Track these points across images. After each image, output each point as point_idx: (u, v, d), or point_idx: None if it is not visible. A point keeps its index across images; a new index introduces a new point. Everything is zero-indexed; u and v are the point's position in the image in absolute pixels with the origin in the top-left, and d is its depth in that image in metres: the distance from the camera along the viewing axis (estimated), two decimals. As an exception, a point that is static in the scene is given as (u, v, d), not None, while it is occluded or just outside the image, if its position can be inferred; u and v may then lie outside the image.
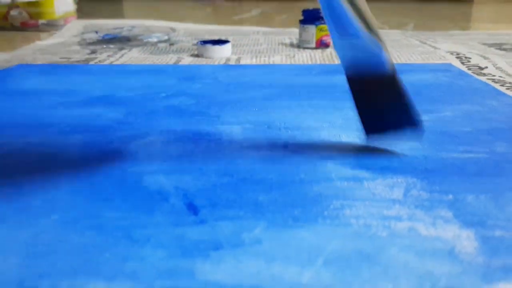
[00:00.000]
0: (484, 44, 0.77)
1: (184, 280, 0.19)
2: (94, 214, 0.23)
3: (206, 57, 0.66)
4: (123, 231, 0.22)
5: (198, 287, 0.18)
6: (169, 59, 0.66)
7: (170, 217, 0.23)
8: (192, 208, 0.24)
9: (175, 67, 0.59)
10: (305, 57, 0.67)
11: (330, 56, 0.67)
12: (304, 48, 0.74)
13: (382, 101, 0.30)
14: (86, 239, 0.21)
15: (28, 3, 0.93)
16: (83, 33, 0.86)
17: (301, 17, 0.75)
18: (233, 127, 0.36)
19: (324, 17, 0.29)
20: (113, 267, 0.19)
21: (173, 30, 0.85)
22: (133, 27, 0.87)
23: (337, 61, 0.65)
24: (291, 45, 0.77)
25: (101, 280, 0.19)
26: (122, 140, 0.33)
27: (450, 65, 0.58)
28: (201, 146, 0.32)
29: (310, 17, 0.74)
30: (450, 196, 0.25)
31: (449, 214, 0.23)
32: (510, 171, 0.28)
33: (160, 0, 1.82)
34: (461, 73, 0.54)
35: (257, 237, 0.21)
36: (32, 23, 0.93)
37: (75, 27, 0.91)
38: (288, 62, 0.63)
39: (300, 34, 0.75)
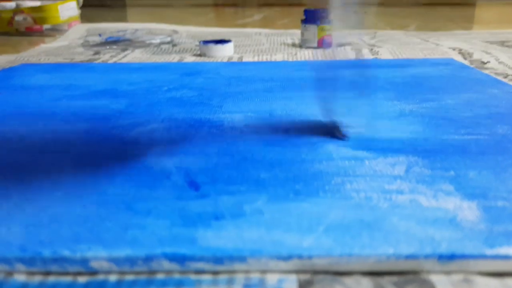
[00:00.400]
0: (487, 41, 0.77)
1: (186, 246, 0.19)
2: (97, 190, 0.23)
3: (208, 56, 0.67)
4: (125, 204, 0.22)
5: (200, 252, 0.18)
6: (172, 58, 0.66)
7: (172, 192, 0.23)
8: (194, 185, 0.24)
9: (178, 64, 0.59)
10: (306, 55, 0.67)
11: (332, 54, 0.67)
12: (306, 47, 0.75)
13: None
14: (89, 211, 0.21)
15: (33, 8, 0.94)
16: (86, 36, 0.86)
17: (303, 18, 0.76)
18: (235, 115, 0.36)
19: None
20: (114, 235, 0.19)
21: (176, 32, 0.86)
22: (136, 30, 0.88)
23: (338, 58, 0.65)
24: (293, 45, 0.78)
25: (102, 247, 0.19)
26: (124, 127, 0.33)
27: (452, 59, 0.59)
28: (202, 131, 0.32)
29: (312, 17, 0.75)
30: (452, 172, 0.25)
31: (450, 187, 0.23)
32: (510, 150, 0.28)
33: (163, 6, 1.84)
34: (463, 66, 0.54)
35: (259, 209, 0.22)
36: (36, 28, 0.94)
37: (78, 31, 0.92)
38: (291, 60, 0.64)
39: (302, 34, 0.76)
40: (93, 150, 0.29)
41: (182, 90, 0.44)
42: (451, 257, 0.18)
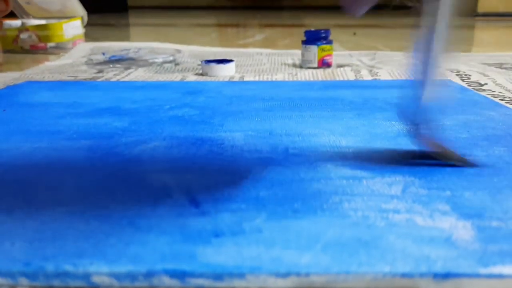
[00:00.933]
0: (484, 63, 0.78)
1: (186, 262, 0.19)
2: (99, 206, 0.24)
3: (210, 76, 0.68)
4: (127, 219, 0.22)
5: (200, 268, 0.19)
6: (174, 77, 0.67)
7: (173, 209, 0.24)
8: (194, 202, 0.25)
9: (180, 83, 0.60)
10: (307, 75, 0.68)
11: (331, 74, 0.69)
12: (307, 68, 0.76)
13: None
14: (92, 226, 0.22)
15: (38, 27, 0.96)
16: (90, 54, 0.88)
17: (304, 38, 0.77)
18: (235, 134, 0.37)
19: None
20: (116, 251, 0.20)
21: (179, 51, 0.87)
22: (139, 49, 0.89)
23: (338, 78, 0.66)
24: (294, 65, 0.79)
25: (104, 262, 0.19)
26: (127, 145, 0.34)
27: (449, 81, 0.60)
28: (203, 149, 0.33)
29: (312, 38, 0.76)
30: (448, 192, 0.26)
31: (446, 207, 0.24)
32: (508, 171, 0.29)
33: (166, 26, 1.87)
34: (461, 88, 0.55)
35: (258, 226, 0.22)
36: (41, 45, 0.96)
37: (82, 49, 0.93)
38: (291, 80, 0.65)
39: (303, 54, 0.77)
40: (95, 167, 0.30)
41: (184, 109, 0.45)
42: (446, 275, 0.18)
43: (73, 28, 0.97)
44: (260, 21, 2.06)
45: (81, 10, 1.06)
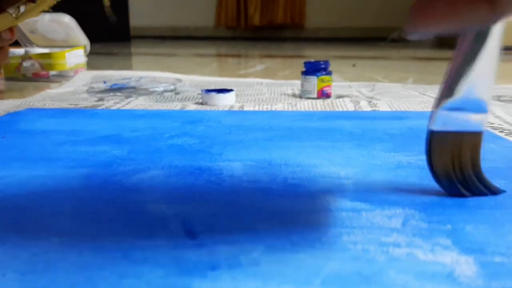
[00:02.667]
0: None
1: (181, 297, 0.19)
2: (94, 237, 0.24)
3: (210, 105, 0.68)
4: (122, 252, 0.22)
5: (195, 303, 0.18)
6: (174, 106, 0.68)
7: (169, 241, 0.23)
8: (191, 233, 0.24)
9: (180, 112, 0.61)
10: (306, 105, 0.69)
11: (331, 105, 0.69)
12: (306, 98, 0.76)
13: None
14: (86, 258, 0.21)
15: (41, 55, 0.97)
16: (91, 82, 0.89)
17: (303, 69, 0.78)
18: (234, 164, 0.36)
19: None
20: (109, 284, 0.19)
21: (179, 80, 0.88)
22: (140, 77, 0.90)
23: (337, 108, 0.66)
24: (293, 95, 0.80)
25: (98, 296, 0.18)
26: (125, 173, 0.34)
27: (448, 113, 0.60)
28: (201, 179, 0.33)
29: (312, 69, 0.77)
30: (449, 226, 0.25)
31: (447, 241, 0.23)
32: (510, 204, 0.29)
33: (167, 55, 1.90)
34: (459, 119, 0.55)
35: (255, 259, 0.21)
36: (43, 74, 0.97)
37: (84, 78, 0.94)
38: (290, 110, 0.65)
39: (302, 85, 0.78)
40: (92, 196, 0.29)
41: (183, 138, 0.45)
42: (449, 313, 0.18)
43: (75, 57, 0.98)
44: (261, 52, 2.09)
45: (84, 39, 1.07)
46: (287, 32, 3.16)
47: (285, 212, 0.27)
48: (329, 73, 0.77)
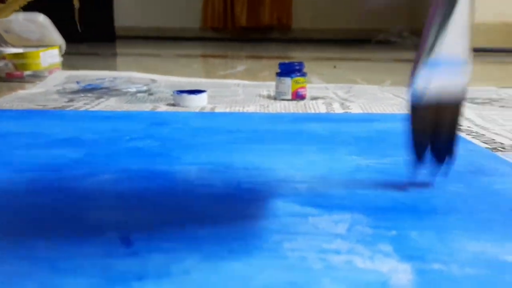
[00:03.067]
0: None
1: (100, 309, 0.18)
2: (23, 245, 0.23)
3: (182, 106, 0.67)
4: (49, 261, 0.21)
5: (113, 316, 0.17)
6: (145, 107, 0.67)
7: (102, 248, 0.22)
8: (127, 241, 0.23)
9: (148, 113, 0.60)
10: (279, 107, 0.68)
11: (303, 107, 0.69)
12: (281, 99, 0.76)
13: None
14: (10, 267, 0.20)
15: (15, 55, 0.95)
16: (65, 83, 0.87)
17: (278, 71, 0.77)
18: (191, 167, 0.36)
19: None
20: (27, 296, 0.18)
21: (154, 81, 0.87)
22: (115, 78, 0.89)
23: (309, 110, 0.66)
24: (268, 97, 0.79)
25: (11, 309, 0.18)
26: (74, 177, 0.33)
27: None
28: (153, 184, 0.32)
29: (286, 70, 0.77)
30: (394, 232, 0.25)
31: (389, 248, 0.23)
32: (461, 209, 0.28)
33: (150, 56, 1.88)
34: (428, 122, 0.55)
35: (187, 269, 0.21)
36: (17, 74, 0.95)
37: (58, 78, 0.93)
38: (262, 112, 0.64)
39: (277, 86, 0.77)
40: (31, 201, 0.28)
41: (145, 140, 0.44)
42: (376, 325, 0.17)
43: (50, 56, 0.97)
44: (246, 53, 2.08)
45: (59, 39, 1.06)
46: (274, 34, 3.15)
47: (230, 218, 0.26)
48: (304, 75, 0.77)
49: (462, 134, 0.53)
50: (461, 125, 0.31)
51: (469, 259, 0.22)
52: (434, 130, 0.31)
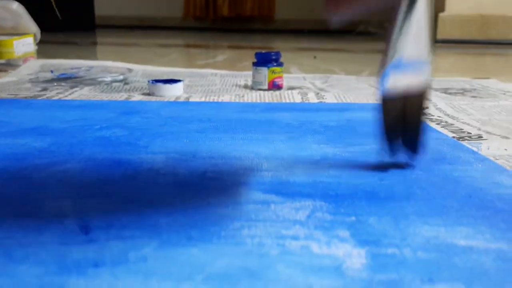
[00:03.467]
0: (431, 89, 0.80)
1: (51, 296, 0.18)
2: (-22, 234, 0.22)
3: (156, 96, 0.67)
4: (4, 249, 0.21)
5: (63, 303, 0.17)
6: (119, 97, 0.66)
7: (59, 236, 0.22)
8: (85, 229, 0.23)
9: (120, 102, 0.59)
10: (254, 96, 0.68)
11: (278, 96, 0.69)
12: (257, 89, 0.76)
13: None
14: (-40, 257, 0.20)
15: (-13, 43, 0.93)
16: (39, 72, 0.86)
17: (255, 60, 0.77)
18: (157, 156, 0.36)
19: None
20: (-23, 284, 0.18)
21: (130, 70, 0.86)
22: (91, 67, 0.87)
23: (284, 100, 0.66)
24: (245, 86, 0.79)
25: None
26: (37, 167, 0.33)
27: (391, 105, 0.60)
28: (118, 173, 0.32)
29: (263, 60, 0.77)
30: (353, 218, 0.25)
31: (346, 234, 0.23)
32: (419, 196, 0.29)
33: (129, 46, 1.85)
34: (399, 112, 0.56)
35: (144, 255, 0.21)
36: (-11, 62, 0.93)
37: (32, 67, 0.91)
38: (237, 101, 0.64)
39: (253, 76, 0.77)
40: (-7, 190, 0.28)
41: (114, 129, 0.44)
42: (325, 307, 0.18)
43: (24, 45, 0.95)
44: (228, 43, 2.07)
45: (34, 27, 1.03)
46: (257, 24, 3.14)
47: (192, 206, 0.26)
48: (281, 65, 0.77)
49: (431, 124, 0.53)
50: (426, 116, 0.33)
51: (421, 244, 0.22)
52: (402, 121, 0.33)
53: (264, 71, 0.75)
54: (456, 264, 0.21)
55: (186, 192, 0.29)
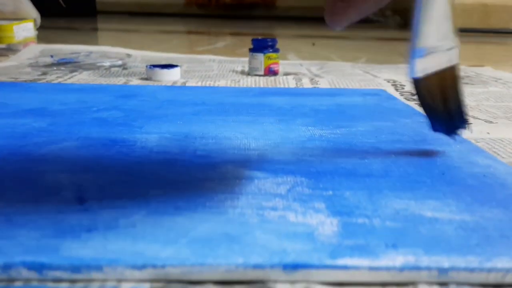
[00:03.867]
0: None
1: (47, 255, 0.20)
2: (-19, 203, 0.24)
3: (154, 80, 0.69)
4: (5, 216, 0.23)
5: (58, 261, 0.19)
6: (118, 81, 0.67)
7: (56, 206, 0.24)
8: (81, 199, 0.25)
9: (118, 86, 0.61)
10: (249, 82, 0.70)
11: (273, 82, 0.70)
12: (254, 75, 0.77)
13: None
14: (-36, 222, 0.22)
15: (-13, 28, 0.94)
16: (39, 56, 0.87)
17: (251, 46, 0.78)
18: (151, 136, 0.37)
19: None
20: (-19, 244, 0.20)
21: (129, 56, 0.88)
22: (90, 52, 0.89)
23: (279, 85, 0.68)
24: (242, 72, 0.80)
25: (-35, 255, 0.19)
26: (36, 145, 0.34)
27: (382, 90, 0.62)
28: (112, 150, 0.34)
29: (259, 46, 0.78)
30: (330, 192, 0.27)
31: (322, 205, 0.25)
32: (395, 173, 0.30)
33: (130, 32, 1.86)
34: (389, 97, 0.57)
35: (133, 222, 0.23)
36: (-10, 47, 0.94)
37: (32, 51, 0.92)
38: (233, 86, 0.66)
39: (250, 62, 0.78)
40: (-5, 165, 0.30)
41: (110, 111, 0.45)
42: (295, 266, 0.20)
43: (24, 30, 0.96)
44: (230, 30, 2.07)
45: (34, 13, 1.05)
46: (259, 11, 3.13)
47: (180, 180, 0.28)
48: (276, 51, 0.78)
49: (418, 108, 0.55)
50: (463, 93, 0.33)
51: (391, 214, 0.24)
52: (441, 98, 0.33)
53: (260, 57, 0.77)
54: (420, 232, 0.22)
55: (176, 168, 0.30)
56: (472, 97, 0.62)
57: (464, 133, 0.38)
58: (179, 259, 0.20)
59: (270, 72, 0.77)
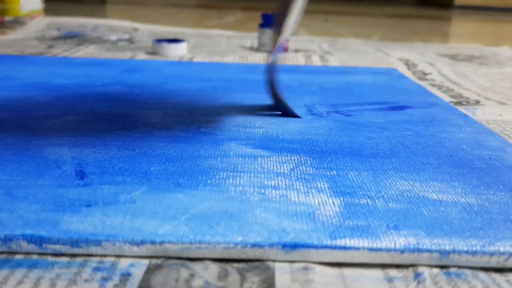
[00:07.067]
0: (439, 54, 0.80)
1: (46, 229, 0.20)
2: (-18, 175, 0.24)
3: (160, 55, 0.68)
4: (5, 189, 0.23)
5: (58, 235, 0.19)
6: (124, 55, 0.67)
7: (57, 180, 0.24)
8: (81, 174, 0.25)
9: (122, 61, 0.60)
10: (257, 58, 0.69)
11: (282, 59, 0.69)
12: (263, 51, 0.76)
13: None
14: (-35, 194, 0.22)
15: (-5, 0, 0.94)
16: (46, 30, 0.86)
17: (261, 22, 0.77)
18: (155, 112, 0.37)
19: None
20: (-20, 217, 0.20)
21: (136, 30, 0.87)
22: (97, 26, 0.88)
23: (288, 62, 0.67)
24: (251, 48, 0.79)
25: (-36, 227, 0.19)
26: (39, 118, 0.34)
27: (393, 69, 0.61)
28: (115, 125, 0.33)
29: (269, 21, 0.76)
30: (334, 172, 0.27)
31: (325, 185, 0.25)
32: (402, 153, 0.30)
33: (138, 5, 1.84)
34: (400, 76, 0.56)
35: (133, 198, 0.23)
36: (-2, 19, 0.94)
37: (38, 24, 0.92)
38: (240, 62, 0.65)
39: (259, 38, 0.77)
40: (-2, 138, 0.30)
41: (115, 86, 0.45)
42: (294, 246, 0.19)
43: (31, 2, 0.95)
44: (241, 4, 2.04)
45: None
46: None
47: (183, 157, 0.28)
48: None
49: (432, 89, 0.54)
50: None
51: (394, 196, 0.24)
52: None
53: (269, 33, 0.75)
54: (423, 214, 0.22)
55: (179, 145, 0.30)
56: (486, 78, 0.61)
57: (476, 115, 0.37)
58: (177, 236, 0.20)
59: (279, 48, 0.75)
